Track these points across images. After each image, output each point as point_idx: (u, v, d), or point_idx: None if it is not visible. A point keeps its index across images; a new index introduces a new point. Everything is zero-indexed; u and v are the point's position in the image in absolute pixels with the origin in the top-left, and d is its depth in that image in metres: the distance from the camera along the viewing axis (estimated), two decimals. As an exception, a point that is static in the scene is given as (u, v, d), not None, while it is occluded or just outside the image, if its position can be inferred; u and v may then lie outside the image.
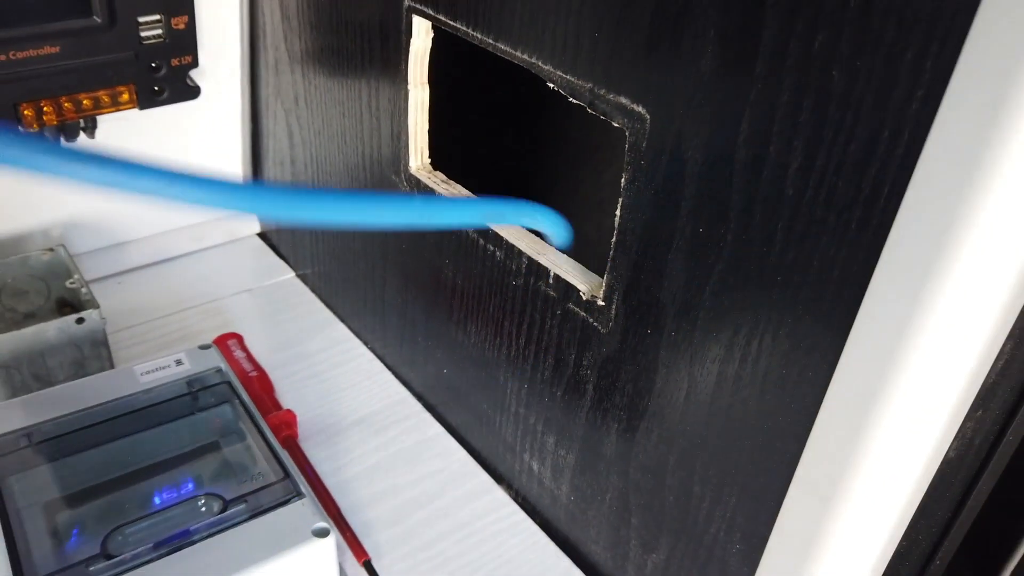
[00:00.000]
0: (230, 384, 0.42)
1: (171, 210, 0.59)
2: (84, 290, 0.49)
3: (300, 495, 0.35)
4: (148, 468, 0.38)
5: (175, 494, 0.36)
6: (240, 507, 0.35)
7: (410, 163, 0.43)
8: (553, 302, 0.36)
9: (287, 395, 0.49)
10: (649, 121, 0.29)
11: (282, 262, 0.62)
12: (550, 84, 0.32)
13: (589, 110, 0.31)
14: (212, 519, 0.34)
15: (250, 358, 0.49)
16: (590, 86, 0.30)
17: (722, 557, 0.32)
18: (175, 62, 0.50)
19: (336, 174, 0.51)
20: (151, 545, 0.33)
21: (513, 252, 0.37)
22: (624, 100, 0.29)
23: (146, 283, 0.58)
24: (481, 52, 0.36)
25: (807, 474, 0.27)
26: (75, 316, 0.46)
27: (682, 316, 0.30)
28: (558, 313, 0.36)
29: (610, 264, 0.32)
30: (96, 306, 0.47)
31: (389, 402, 0.49)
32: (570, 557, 0.41)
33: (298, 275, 0.60)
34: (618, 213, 0.31)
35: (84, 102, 0.48)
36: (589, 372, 0.35)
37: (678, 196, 0.28)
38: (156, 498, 0.36)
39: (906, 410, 0.24)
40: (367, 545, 0.40)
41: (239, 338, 0.51)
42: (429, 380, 0.48)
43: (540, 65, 0.32)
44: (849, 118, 0.23)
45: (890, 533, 0.28)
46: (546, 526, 0.42)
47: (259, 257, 0.63)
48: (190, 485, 0.37)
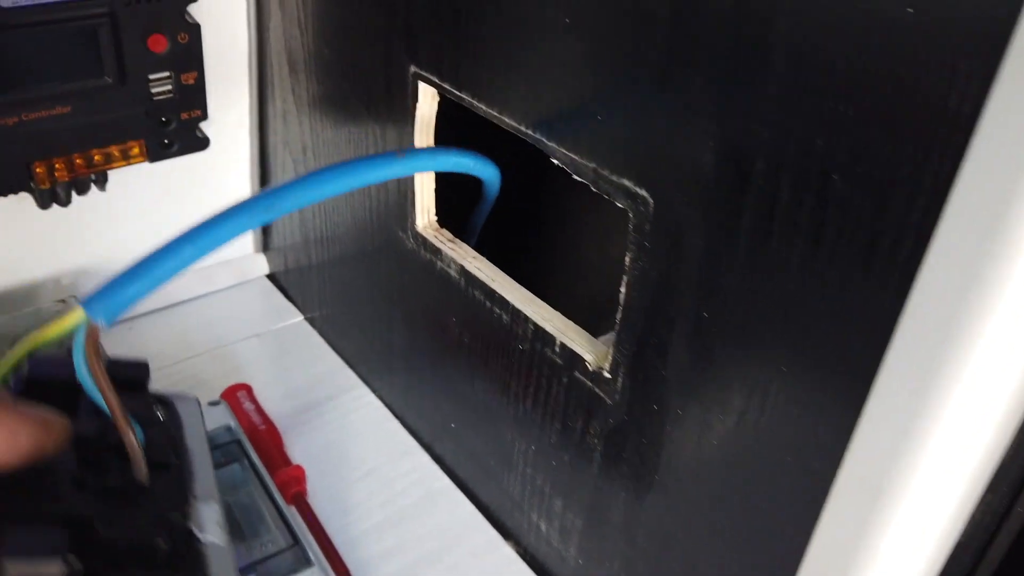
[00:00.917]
0: (239, 443, 0.42)
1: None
2: (95, 343, 0.49)
3: (310, 564, 0.35)
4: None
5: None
6: (250, 576, 0.35)
7: (416, 221, 0.43)
8: (559, 369, 0.36)
9: (296, 446, 0.49)
10: (652, 205, 0.29)
11: (291, 305, 0.62)
12: (554, 160, 0.33)
13: (593, 188, 0.31)
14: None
15: (259, 410, 0.50)
16: (593, 166, 0.31)
17: (729, 631, 0.32)
18: (185, 116, 0.51)
19: (344, 226, 0.51)
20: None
21: (519, 317, 0.38)
22: (627, 183, 0.30)
23: (157, 328, 0.59)
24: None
25: (817, 557, 0.27)
26: (87, 372, 0.47)
27: (687, 395, 0.30)
28: (564, 380, 0.36)
29: (616, 338, 0.33)
30: (106, 356, 0.48)
31: (396, 453, 0.50)
32: (578, 616, 0.41)
33: (306, 318, 0.61)
34: (623, 290, 0.31)
35: (95, 158, 0.49)
36: (596, 441, 0.36)
37: (680, 280, 0.29)
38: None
39: (917, 502, 0.24)
40: (376, 606, 0.40)
41: (248, 389, 0.51)
42: (436, 431, 0.49)
43: (544, 141, 0.33)
44: (851, 221, 0.23)
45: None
46: (554, 584, 0.42)
47: (268, 300, 0.63)
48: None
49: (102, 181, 0.51)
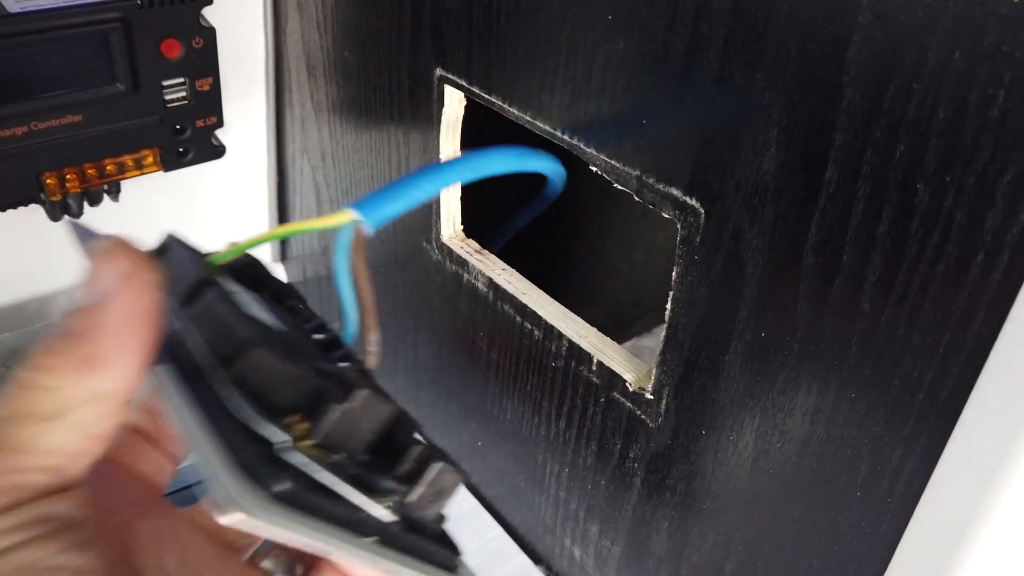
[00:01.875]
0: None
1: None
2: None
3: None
4: None
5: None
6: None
7: (442, 232, 0.41)
8: (596, 389, 0.34)
9: (316, 466, 0.47)
10: (703, 216, 0.27)
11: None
12: (593, 168, 0.31)
13: (636, 198, 0.29)
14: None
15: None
16: (637, 173, 0.29)
17: (785, 673, 0.30)
18: (200, 123, 0.49)
19: (364, 235, 0.49)
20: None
21: (552, 333, 0.36)
22: (675, 191, 0.27)
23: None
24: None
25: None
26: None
27: (741, 420, 0.28)
28: (601, 401, 0.34)
29: (660, 358, 0.30)
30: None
31: (421, 472, 0.48)
32: (615, 649, 0.39)
33: (325, 331, 0.59)
34: (669, 306, 0.29)
35: (108, 168, 0.47)
36: (636, 465, 0.33)
37: (736, 297, 0.26)
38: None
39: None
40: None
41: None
42: (464, 450, 0.47)
43: (582, 148, 0.31)
44: (936, 236, 0.21)
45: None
46: (589, 613, 0.40)
47: (285, 311, 0.61)
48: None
49: (115, 192, 0.49)
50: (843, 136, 0.22)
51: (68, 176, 0.46)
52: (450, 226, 0.41)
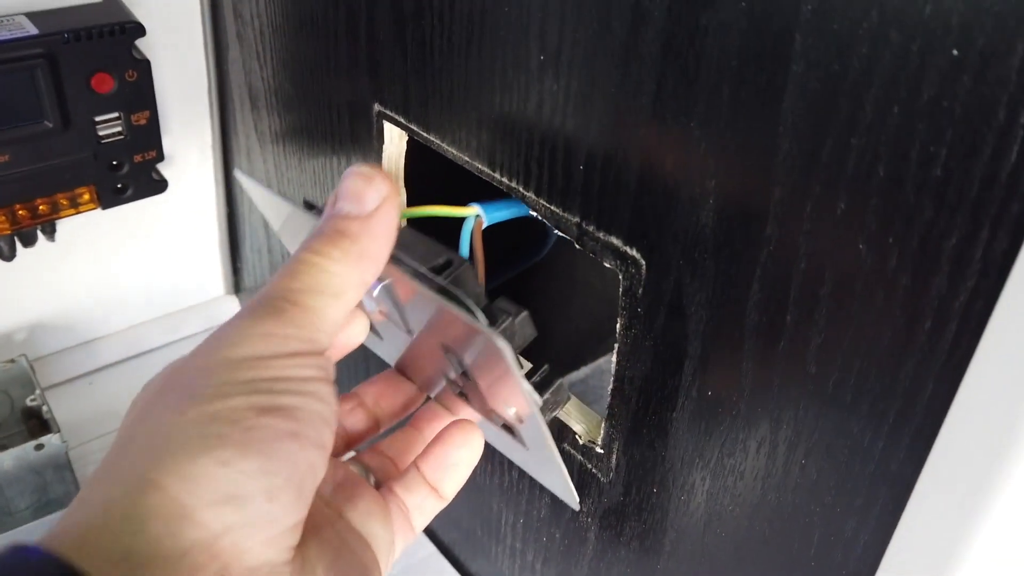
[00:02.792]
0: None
1: (142, 302, 0.56)
2: (45, 408, 0.46)
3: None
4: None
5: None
6: None
7: (388, 271, 0.39)
8: (547, 439, 0.32)
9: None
10: (645, 267, 0.25)
11: (264, 351, 0.58)
12: (533, 213, 0.29)
13: (576, 246, 0.28)
14: None
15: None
16: (577, 220, 0.27)
17: None
18: (138, 158, 0.47)
19: (313, 271, 0.47)
20: None
21: (501, 380, 0.34)
22: (615, 241, 0.26)
23: (117, 382, 0.55)
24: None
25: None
26: (34, 443, 0.43)
27: (692, 481, 0.26)
28: (553, 451, 0.32)
29: (608, 411, 0.29)
30: (56, 428, 0.44)
31: (377, 517, 0.46)
32: None
33: (281, 366, 0.57)
34: (614, 359, 0.28)
35: (40, 207, 0.45)
36: (590, 520, 0.32)
37: (681, 353, 0.25)
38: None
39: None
40: None
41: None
42: (419, 493, 0.45)
43: (522, 191, 0.29)
44: (880, 299, 0.19)
45: None
46: (550, 666, 0.38)
47: (240, 346, 0.59)
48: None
49: (50, 231, 0.47)
50: (782, 190, 0.20)
51: (-3, 218, 0.43)
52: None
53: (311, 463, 0.21)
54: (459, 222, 0.30)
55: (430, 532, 0.45)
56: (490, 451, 0.36)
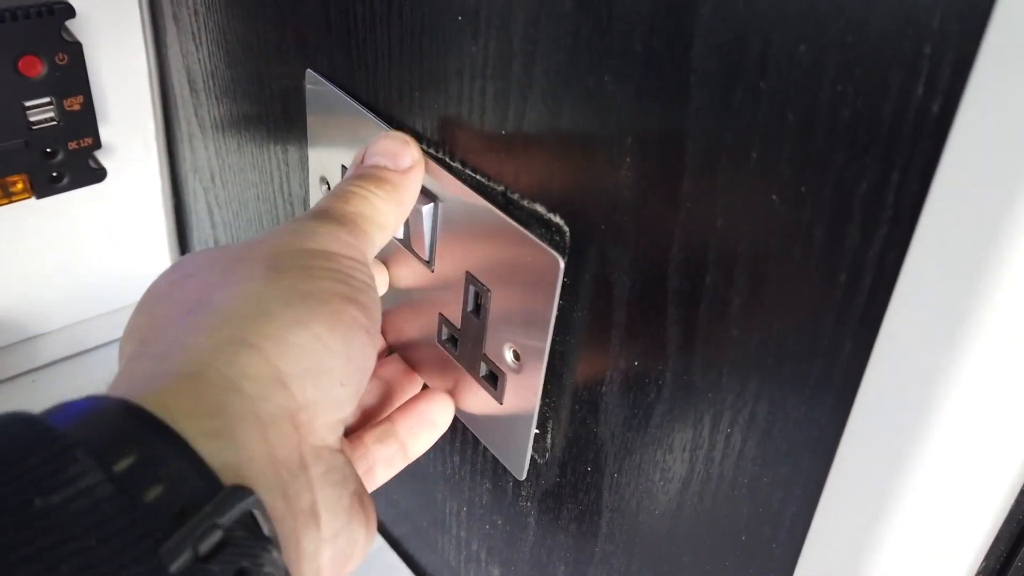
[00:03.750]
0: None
1: (88, 298, 0.54)
2: (-21, 405, 0.44)
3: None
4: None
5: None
6: None
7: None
8: (485, 422, 0.31)
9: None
10: (569, 234, 0.24)
11: (216, 346, 0.57)
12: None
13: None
14: None
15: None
16: (502, 189, 0.26)
17: None
18: (73, 146, 0.45)
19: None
20: None
21: (439, 362, 0.33)
22: (540, 208, 0.25)
23: (62, 380, 0.53)
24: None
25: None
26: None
27: (623, 457, 0.25)
28: (491, 435, 0.31)
29: (542, 390, 0.28)
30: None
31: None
32: None
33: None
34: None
35: (-31, 197, 0.43)
36: (529, 504, 0.31)
37: (607, 323, 0.24)
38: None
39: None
40: None
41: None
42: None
43: (447, 161, 0.28)
44: (796, 254, 0.18)
45: None
46: (499, 659, 0.37)
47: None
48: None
49: (-17, 222, 0.45)
50: (695, 143, 0.19)
51: (-78, 208, 0.42)
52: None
53: (371, 363, 0.22)
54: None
55: (380, 527, 0.43)
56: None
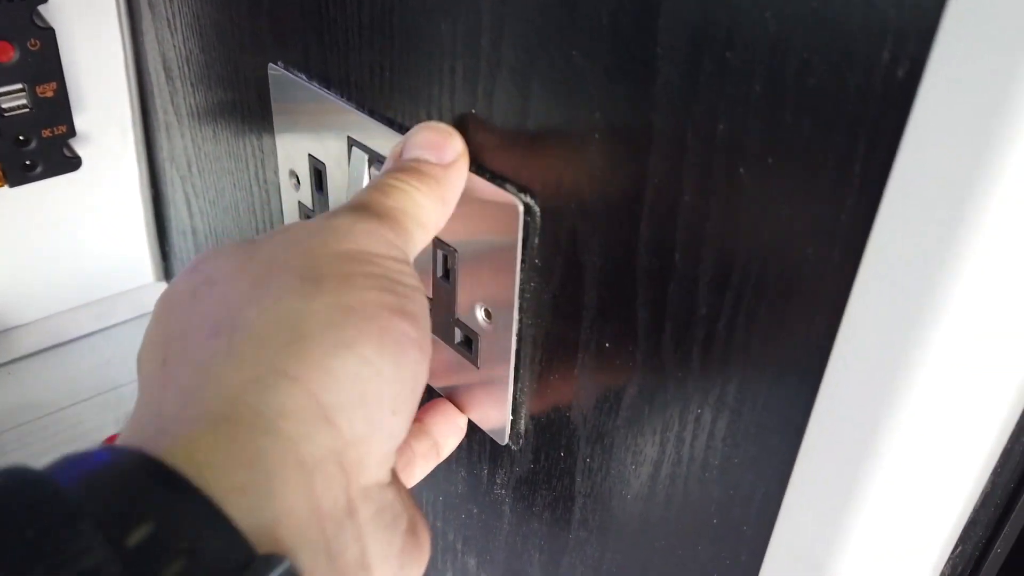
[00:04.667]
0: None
1: (66, 289, 0.53)
2: (-49, 397, 0.43)
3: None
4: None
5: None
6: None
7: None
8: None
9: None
10: (540, 214, 0.24)
11: (195, 338, 0.56)
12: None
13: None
14: None
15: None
16: (472, 168, 0.26)
17: None
18: (47, 133, 0.45)
19: (234, 249, 0.45)
20: None
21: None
22: (510, 188, 0.24)
23: (39, 373, 0.53)
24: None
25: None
26: (-66, 432, 0.41)
27: (595, 441, 0.25)
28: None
29: (513, 374, 0.27)
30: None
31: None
32: None
33: (212, 352, 0.55)
34: (516, 316, 0.26)
35: (-60, 185, 0.43)
36: (504, 492, 0.30)
37: (578, 304, 0.24)
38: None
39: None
40: None
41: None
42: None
43: (419, 144, 0.27)
44: (763, 229, 0.18)
45: None
46: (477, 650, 0.37)
47: (170, 333, 0.57)
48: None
49: (-46, 211, 0.45)
50: (662, 118, 0.19)
51: None
52: (312, 236, 0.38)
53: (423, 381, 0.19)
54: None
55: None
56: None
